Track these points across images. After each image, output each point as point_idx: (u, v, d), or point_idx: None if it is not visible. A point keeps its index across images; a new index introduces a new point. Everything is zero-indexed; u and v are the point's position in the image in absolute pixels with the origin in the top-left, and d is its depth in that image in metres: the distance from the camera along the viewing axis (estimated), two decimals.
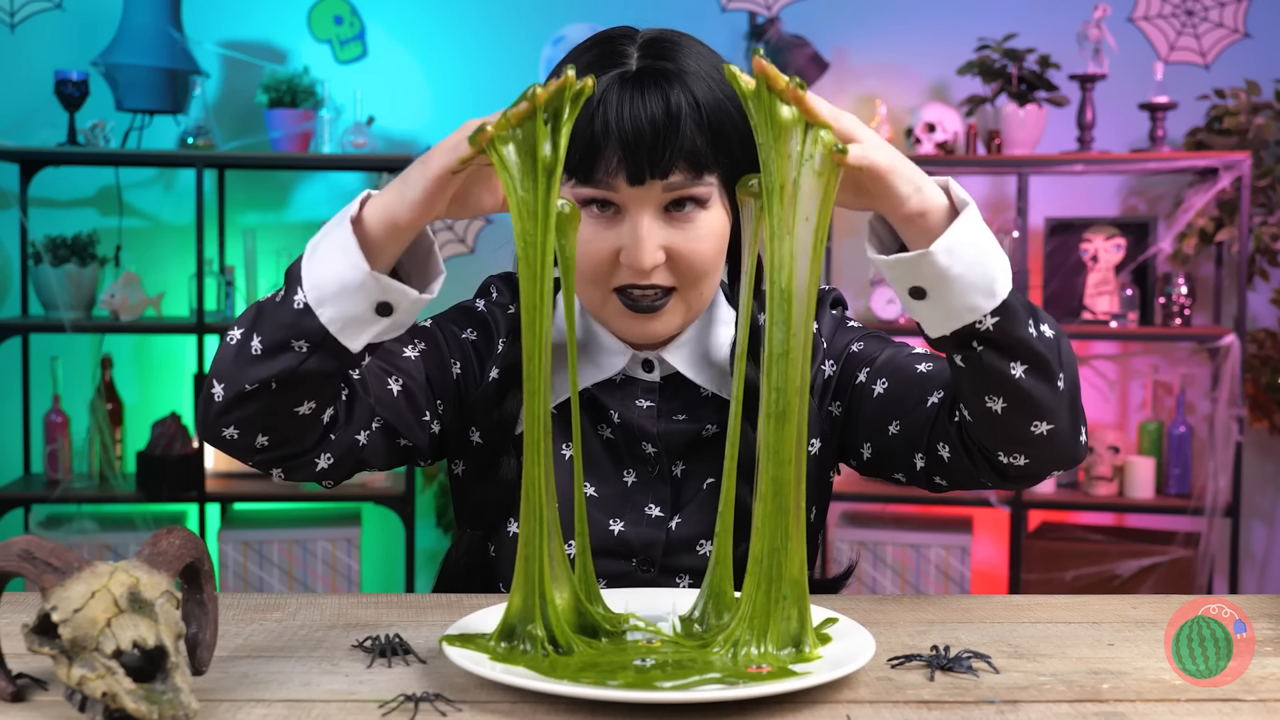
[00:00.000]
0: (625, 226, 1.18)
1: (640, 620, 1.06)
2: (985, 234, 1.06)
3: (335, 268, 1.06)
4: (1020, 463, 1.15)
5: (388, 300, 1.07)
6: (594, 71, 1.18)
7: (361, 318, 1.07)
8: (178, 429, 3.39)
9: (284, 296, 1.09)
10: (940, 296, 1.06)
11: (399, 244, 1.07)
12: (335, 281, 1.06)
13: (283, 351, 1.08)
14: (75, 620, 0.83)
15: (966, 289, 1.05)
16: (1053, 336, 1.10)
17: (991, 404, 1.11)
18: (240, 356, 1.10)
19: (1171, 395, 3.57)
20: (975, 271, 1.04)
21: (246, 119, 3.65)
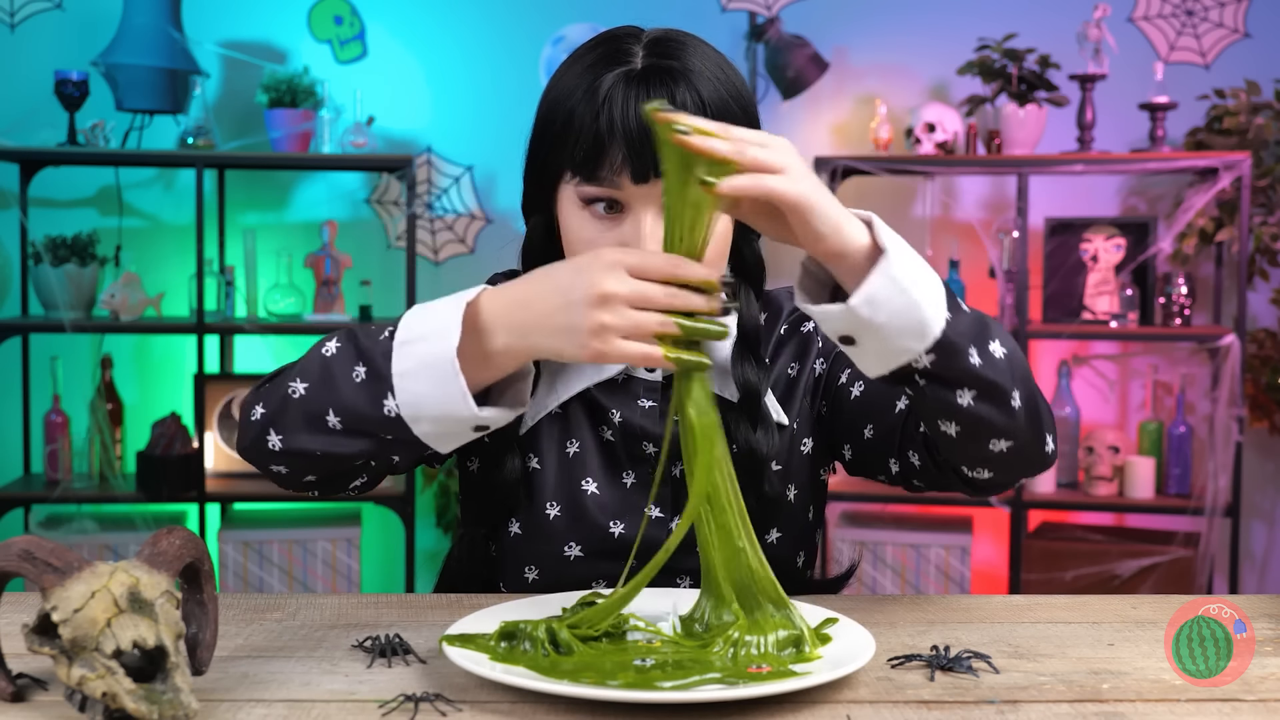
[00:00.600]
0: (629, 225, 1.18)
1: (640, 620, 1.06)
2: (912, 273, 1.01)
3: (435, 396, 1.04)
4: (984, 476, 1.15)
5: (488, 424, 1.07)
6: (599, 69, 1.19)
7: (458, 434, 1.08)
8: (178, 429, 3.39)
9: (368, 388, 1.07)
10: (869, 344, 1.03)
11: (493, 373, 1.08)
12: (436, 408, 1.05)
13: (364, 437, 1.10)
14: (75, 620, 0.83)
15: (895, 334, 1.02)
16: (1003, 356, 1.07)
17: (945, 428, 1.10)
18: (311, 423, 1.10)
19: (1171, 395, 3.57)
20: (902, 316, 1.01)
21: (246, 119, 3.65)
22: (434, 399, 1.04)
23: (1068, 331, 3.44)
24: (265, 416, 1.13)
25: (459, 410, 1.04)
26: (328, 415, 1.09)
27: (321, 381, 1.10)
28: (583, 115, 1.17)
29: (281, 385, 1.13)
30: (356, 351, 1.09)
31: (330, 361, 1.10)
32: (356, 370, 1.08)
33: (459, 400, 1.04)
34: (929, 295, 1.02)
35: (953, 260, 3.55)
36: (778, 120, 3.72)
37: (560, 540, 1.26)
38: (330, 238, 3.53)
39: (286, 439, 1.12)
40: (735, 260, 1.28)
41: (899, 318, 1.01)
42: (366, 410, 1.07)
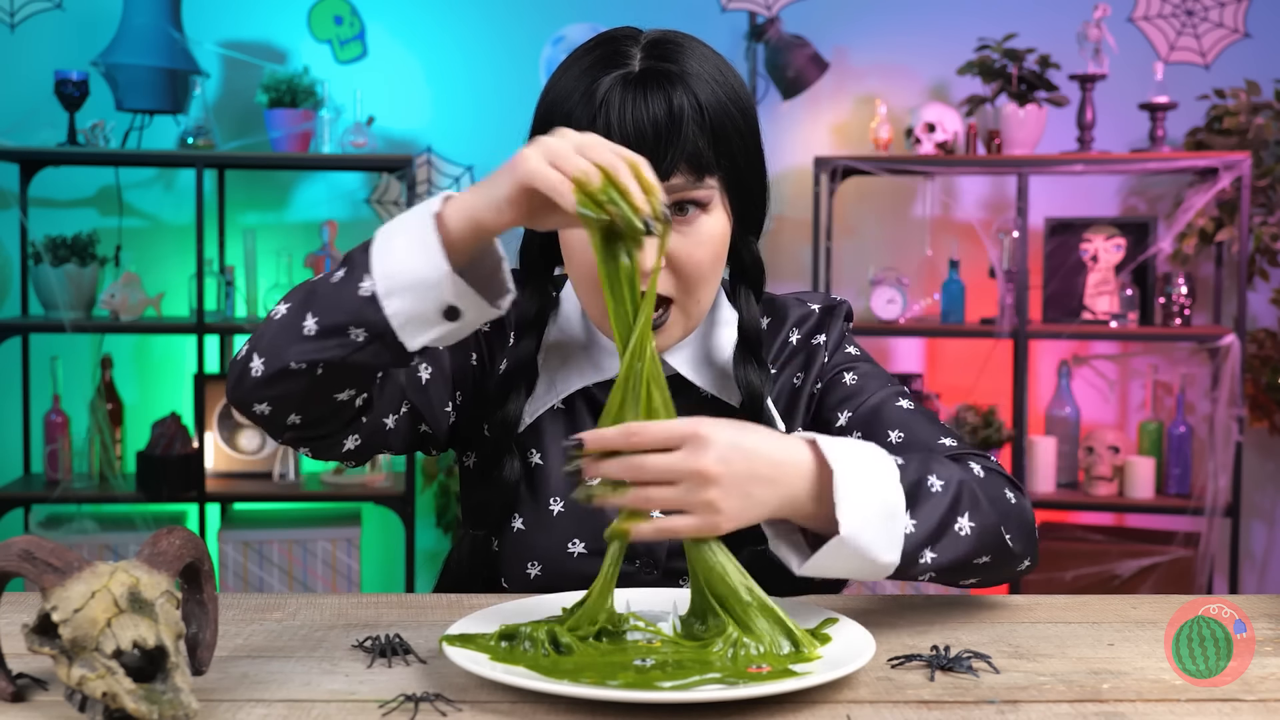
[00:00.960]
0: None
1: (640, 620, 1.06)
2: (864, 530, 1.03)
3: (411, 261, 1.03)
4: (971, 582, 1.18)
5: (457, 305, 1.04)
6: (596, 71, 1.18)
7: (427, 317, 1.05)
8: (178, 429, 3.39)
9: (345, 280, 1.06)
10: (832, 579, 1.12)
11: (476, 246, 1.05)
12: (409, 275, 1.03)
13: (337, 336, 1.06)
14: (75, 620, 0.83)
15: (853, 573, 1.07)
16: (970, 531, 1.11)
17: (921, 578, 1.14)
18: (288, 333, 1.08)
19: (1171, 395, 3.57)
20: (853, 567, 1.06)
21: (246, 119, 3.65)
22: (407, 264, 1.03)
23: (1068, 331, 3.44)
24: (248, 348, 1.12)
25: (431, 272, 1.02)
26: (305, 320, 1.07)
27: (304, 294, 1.10)
28: (580, 118, 1.16)
29: (269, 316, 1.12)
30: (342, 261, 1.09)
31: (313, 281, 1.11)
32: (338, 272, 1.08)
33: (431, 259, 1.02)
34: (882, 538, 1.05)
35: (953, 260, 3.56)
36: (778, 120, 3.72)
37: (563, 536, 1.26)
38: (330, 238, 3.53)
39: (267, 359, 1.09)
40: (734, 262, 1.28)
41: (851, 567, 1.06)
42: (342, 298, 1.06)
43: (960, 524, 1.10)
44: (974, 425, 3.48)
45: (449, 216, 1.04)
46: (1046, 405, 3.64)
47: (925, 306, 3.68)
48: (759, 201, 1.25)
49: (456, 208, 1.04)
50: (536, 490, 1.27)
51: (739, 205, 1.23)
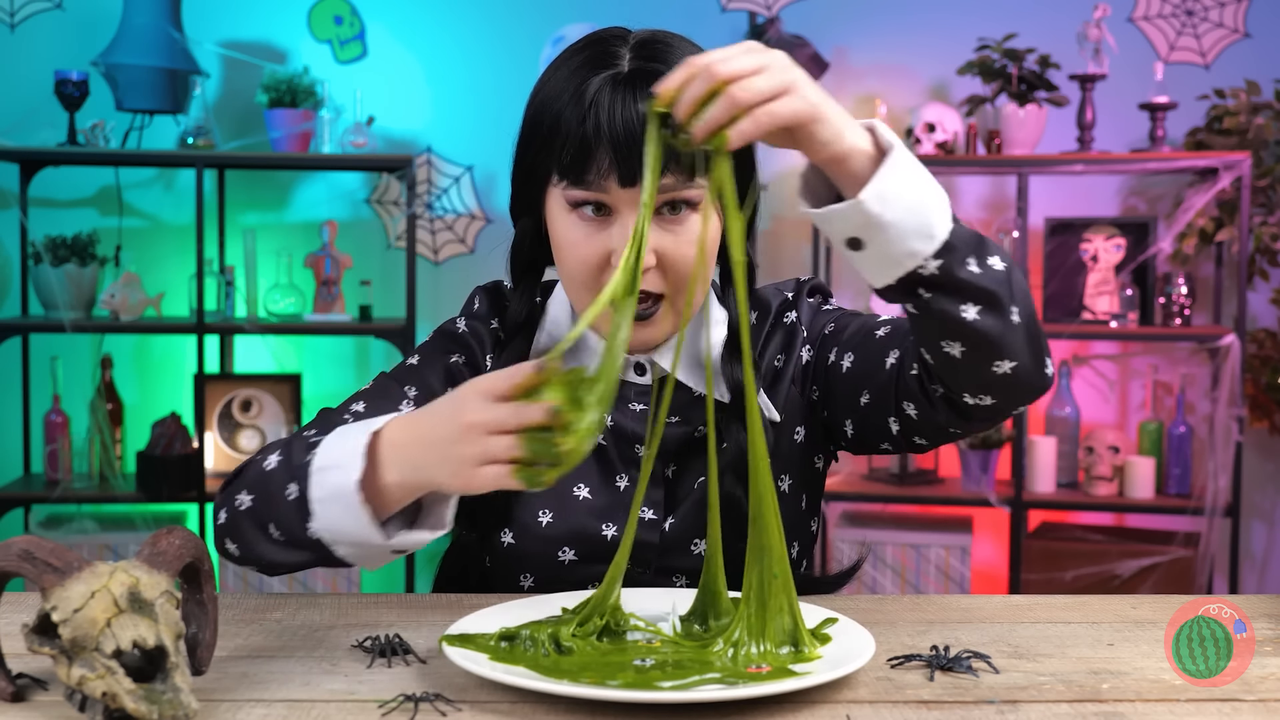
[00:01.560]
0: (616, 229, 1.18)
1: (640, 620, 1.06)
2: (917, 175, 1.02)
3: (347, 524, 1.07)
4: (986, 403, 1.13)
5: (403, 549, 1.09)
6: (586, 72, 1.18)
7: (379, 557, 1.10)
8: (178, 429, 3.39)
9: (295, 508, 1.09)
10: (877, 245, 1.03)
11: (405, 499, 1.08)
12: (349, 535, 1.07)
13: (303, 550, 1.12)
14: (75, 620, 0.83)
15: (903, 234, 1.02)
16: (1003, 269, 1.07)
17: (949, 349, 1.08)
18: (259, 535, 1.13)
19: (1171, 395, 3.57)
20: (910, 216, 1.01)
21: (246, 119, 3.65)
22: (347, 527, 1.07)
23: (1068, 331, 3.44)
24: (221, 526, 1.17)
25: (369, 538, 1.06)
26: (269, 528, 1.13)
27: (262, 496, 1.13)
28: (569, 119, 1.16)
29: (232, 495, 1.16)
30: (288, 469, 1.11)
31: (269, 476, 1.13)
32: (289, 488, 1.10)
33: (366, 530, 1.06)
34: (935, 199, 1.03)
35: None
36: None
37: (554, 545, 1.25)
38: (330, 238, 3.53)
39: (241, 549, 1.16)
40: (724, 260, 1.28)
41: (907, 216, 1.01)
42: (296, 529, 1.10)
43: (992, 260, 1.07)
44: None
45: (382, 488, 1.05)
46: (1046, 405, 3.64)
47: None
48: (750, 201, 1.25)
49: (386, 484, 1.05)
50: (525, 503, 1.27)
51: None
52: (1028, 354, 1.09)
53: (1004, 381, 1.10)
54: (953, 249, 1.03)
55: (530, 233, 1.27)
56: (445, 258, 3.79)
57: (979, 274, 1.05)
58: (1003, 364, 1.08)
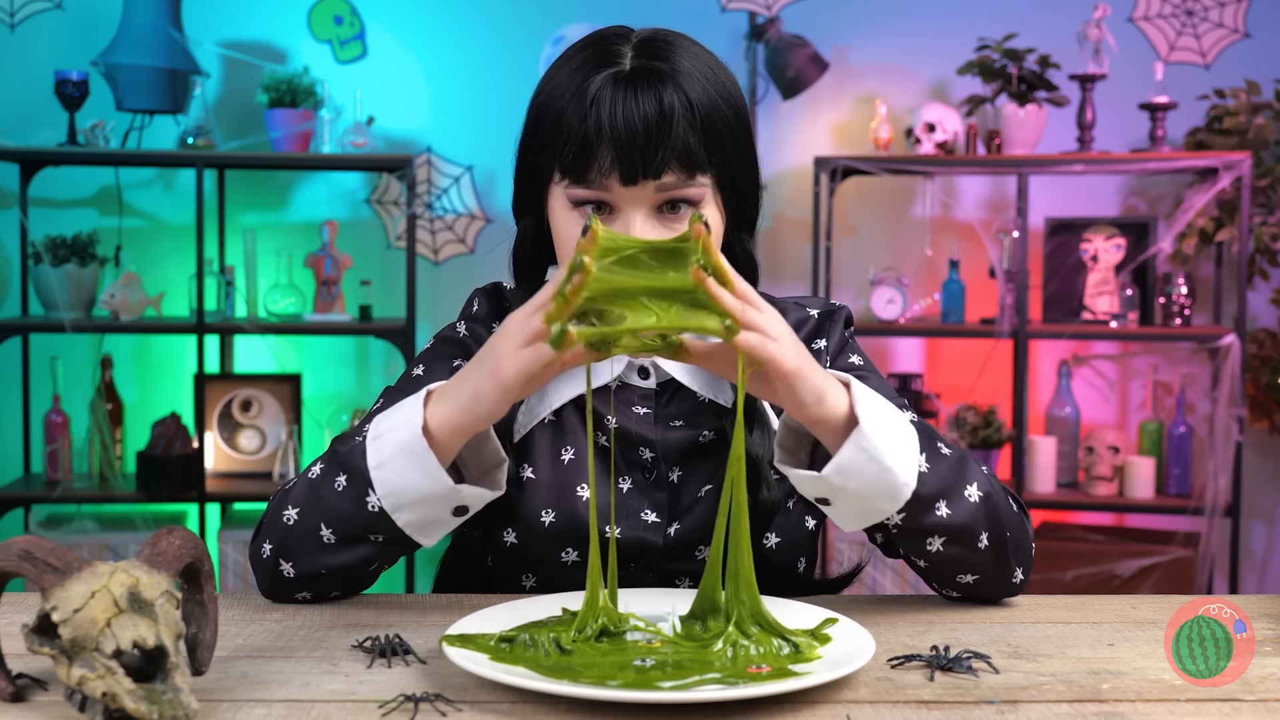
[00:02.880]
0: (617, 226, 1.18)
1: (640, 620, 1.06)
2: (886, 441, 1.06)
3: (412, 478, 1.08)
4: (953, 595, 1.21)
5: (465, 504, 1.11)
6: (588, 70, 1.18)
7: (439, 520, 1.12)
8: (178, 429, 3.39)
9: (349, 491, 1.11)
10: (843, 505, 1.10)
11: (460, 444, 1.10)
12: (414, 491, 1.09)
13: (357, 544, 1.13)
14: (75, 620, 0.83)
15: (867, 498, 1.08)
16: (978, 500, 1.13)
17: (915, 560, 1.16)
18: (309, 543, 1.14)
19: (1171, 395, 3.57)
20: (873, 483, 1.07)
21: (246, 119, 3.65)
22: (410, 482, 1.08)
23: (1068, 331, 3.44)
24: (272, 551, 1.17)
25: (435, 488, 1.08)
26: (321, 530, 1.14)
27: (310, 502, 1.15)
28: (571, 117, 1.16)
29: (276, 517, 1.17)
30: (336, 463, 1.14)
31: (316, 482, 1.15)
32: (338, 480, 1.13)
33: (433, 476, 1.07)
34: (901, 460, 1.08)
35: (953, 260, 3.56)
36: (778, 120, 3.72)
37: (556, 546, 1.25)
38: (330, 238, 3.53)
39: (296, 564, 1.16)
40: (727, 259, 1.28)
41: (871, 484, 1.07)
42: (353, 512, 1.11)
43: (969, 490, 1.13)
44: (974, 425, 3.48)
45: (435, 431, 1.08)
46: (1046, 405, 3.64)
47: (925, 306, 3.68)
48: (751, 199, 1.25)
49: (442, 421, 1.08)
50: (528, 503, 1.26)
51: (731, 203, 1.23)
52: (994, 570, 1.17)
53: (967, 587, 1.19)
54: (919, 500, 1.10)
55: (532, 231, 1.27)
56: (445, 258, 3.79)
57: (948, 515, 1.12)
58: (965, 577, 1.17)
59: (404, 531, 1.12)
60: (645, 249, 1.00)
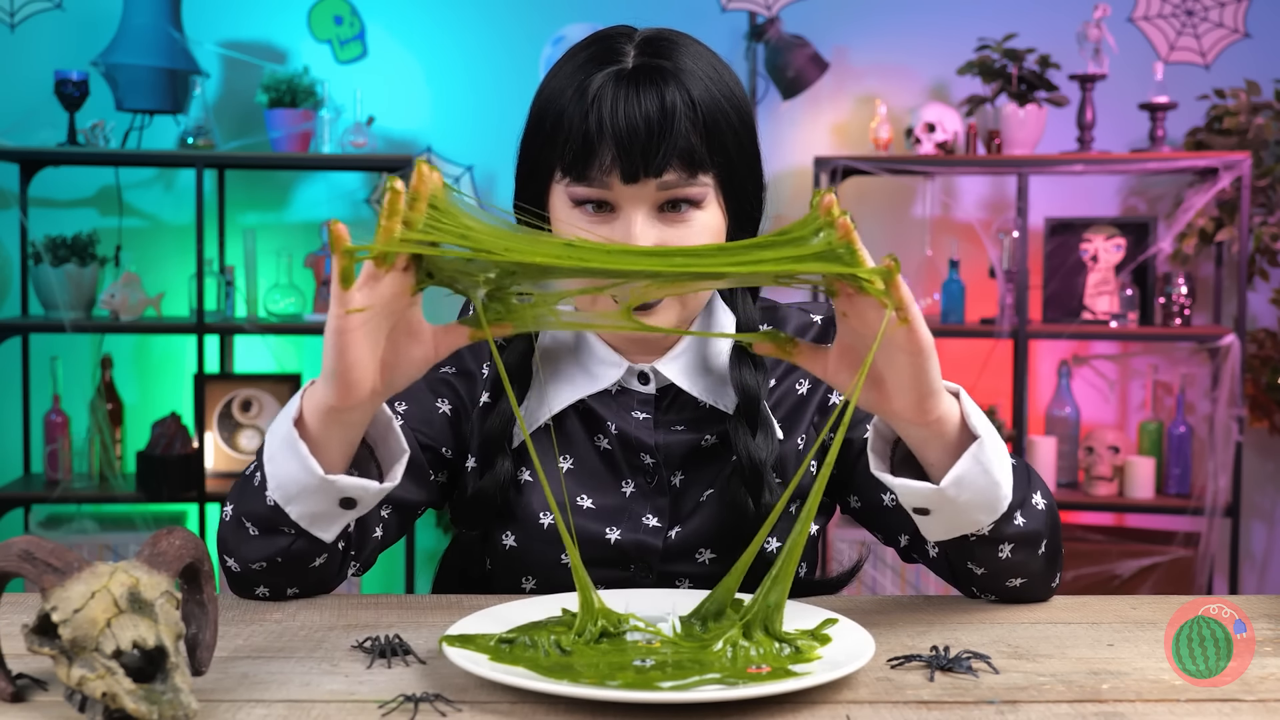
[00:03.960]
0: (619, 225, 1.17)
1: (640, 620, 1.06)
2: (997, 452, 1.06)
3: (291, 470, 1.06)
4: (990, 599, 1.20)
5: (350, 496, 1.08)
6: (590, 68, 1.18)
7: (327, 513, 1.09)
8: (178, 429, 3.39)
9: (260, 485, 1.11)
10: (944, 516, 1.09)
11: (346, 431, 1.05)
12: (294, 483, 1.07)
13: (273, 534, 1.13)
14: (75, 620, 0.83)
15: (970, 509, 1.08)
16: (1043, 509, 1.14)
17: (972, 567, 1.16)
18: (239, 534, 1.14)
19: (1171, 395, 3.57)
20: (981, 495, 1.07)
21: (246, 119, 3.65)
22: (290, 474, 1.07)
23: (1068, 331, 3.44)
24: (219, 545, 1.18)
25: (309, 479, 1.06)
26: (245, 524, 1.13)
27: (238, 495, 1.15)
28: (572, 115, 1.16)
29: (222, 516, 1.17)
30: (257, 457, 1.13)
31: (245, 477, 1.15)
32: (257, 475, 1.12)
33: (306, 467, 1.05)
34: (1004, 474, 1.08)
35: (953, 260, 3.55)
36: (778, 120, 3.72)
37: (556, 548, 1.25)
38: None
39: (235, 559, 1.16)
40: None
41: (979, 496, 1.07)
42: (260, 506, 1.11)
43: (1036, 499, 1.14)
44: None
45: (308, 419, 1.05)
46: (1046, 405, 3.64)
47: (925, 306, 3.68)
48: (754, 199, 1.25)
49: (308, 404, 1.05)
50: (528, 506, 1.26)
51: (734, 202, 1.22)
52: (1043, 576, 1.18)
53: (1011, 592, 1.18)
54: (1008, 512, 1.10)
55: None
56: None
57: (1023, 524, 1.12)
58: (1015, 580, 1.17)
59: (300, 526, 1.10)
60: None
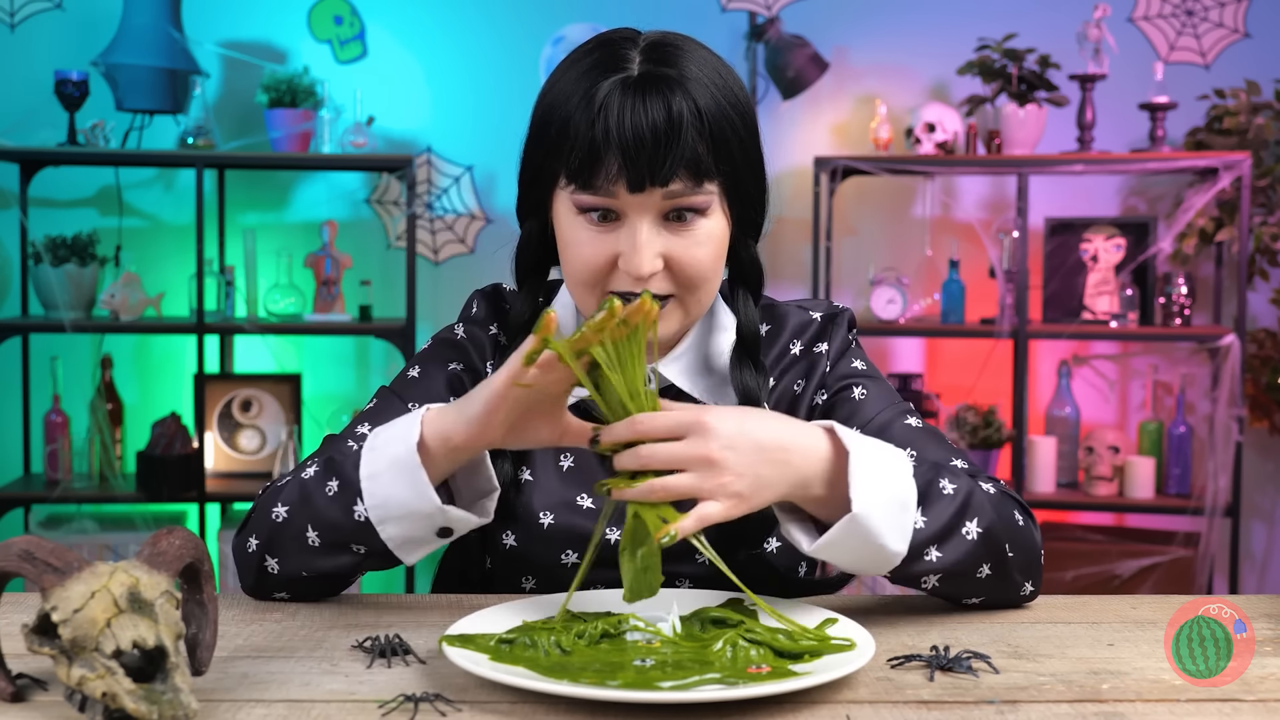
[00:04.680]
0: (624, 233, 1.17)
1: (640, 620, 1.06)
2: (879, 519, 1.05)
3: (400, 492, 1.08)
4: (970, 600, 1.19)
5: (450, 526, 1.10)
6: (596, 75, 1.17)
7: (423, 540, 1.11)
8: (178, 429, 3.39)
9: (339, 498, 1.11)
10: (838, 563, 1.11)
11: (453, 465, 1.10)
12: (401, 506, 1.08)
13: (341, 553, 1.13)
14: (75, 620, 0.83)
15: (858, 564, 1.09)
16: (975, 538, 1.11)
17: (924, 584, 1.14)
18: (295, 543, 1.14)
19: (1171, 395, 3.57)
20: (864, 555, 1.07)
21: (246, 119, 3.65)
22: (398, 496, 1.08)
23: (1068, 331, 3.44)
24: (259, 546, 1.17)
25: (422, 505, 1.07)
26: (308, 532, 1.14)
27: (301, 502, 1.14)
28: (579, 122, 1.15)
29: (266, 513, 1.17)
30: (330, 469, 1.14)
31: (308, 484, 1.15)
32: (330, 485, 1.12)
33: (421, 493, 1.07)
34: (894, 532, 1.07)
35: (953, 260, 3.56)
36: (777, 120, 3.72)
37: (556, 548, 1.25)
38: (330, 238, 3.53)
39: (281, 562, 1.16)
40: (732, 263, 1.28)
41: (860, 556, 1.07)
42: (339, 519, 1.11)
43: (968, 528, 1.11)
44: (974, 425, 3.48)
45: (432, 448, 1.08)
46: (1046, 405, 3.64)
47: (925, 306, 3.68)
48: (758, 205, 1.25)
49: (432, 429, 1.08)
50: (527, 506, 1.26)
51: (738, 208, 1.22)
52: (999, 590, 1.17)
53: (977, 605, 1.19)
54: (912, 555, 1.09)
55: (536, 235, 1.26)
56: (445, 258, 3.79)
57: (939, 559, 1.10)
58: (971, 599, 1.18)
59: (387, 546, 1.11)
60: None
